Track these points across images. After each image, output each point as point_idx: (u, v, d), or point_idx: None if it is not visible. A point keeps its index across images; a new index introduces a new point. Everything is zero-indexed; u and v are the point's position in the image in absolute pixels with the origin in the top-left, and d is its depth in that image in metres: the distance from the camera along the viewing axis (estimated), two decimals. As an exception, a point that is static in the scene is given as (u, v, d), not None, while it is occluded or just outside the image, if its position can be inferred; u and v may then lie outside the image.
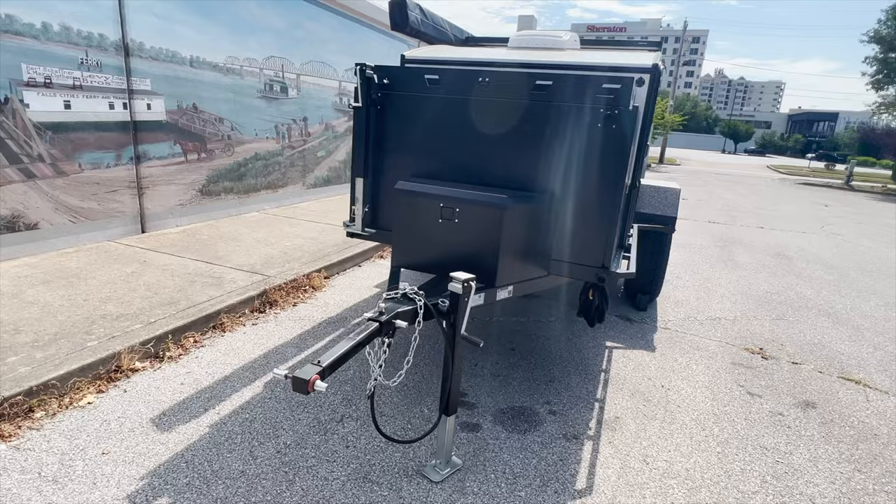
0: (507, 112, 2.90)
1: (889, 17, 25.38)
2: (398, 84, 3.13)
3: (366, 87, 3.09)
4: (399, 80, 3.13)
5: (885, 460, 2.85)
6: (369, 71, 3.10)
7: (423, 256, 2.88)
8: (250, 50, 6.59)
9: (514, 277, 2.81)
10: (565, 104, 2.77)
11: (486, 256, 2.69)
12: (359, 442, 2.63)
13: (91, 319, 3.36)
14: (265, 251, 5.21)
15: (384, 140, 3.23)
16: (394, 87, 3.14)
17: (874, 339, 4.67)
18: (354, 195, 3.33)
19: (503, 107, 2.91)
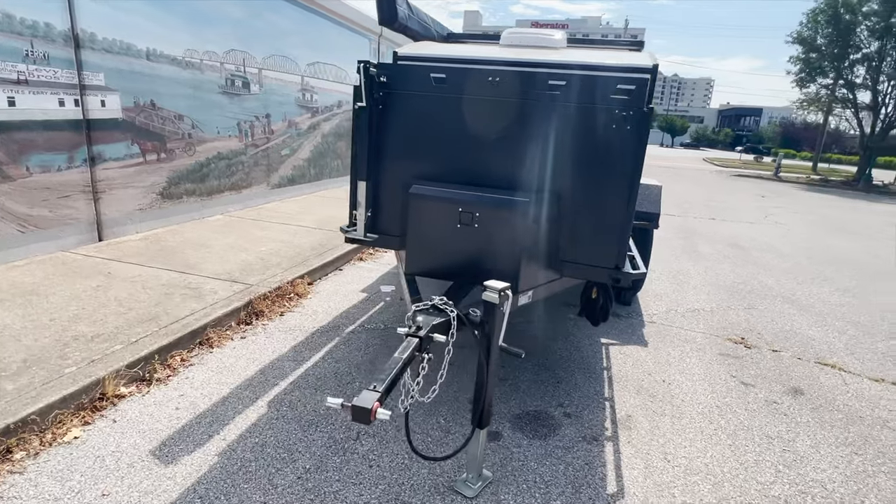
0: (518, 112, 2.84)
1: (809, 20, 27.32)
2: (402, 83, 2.99)
3: (369, 85, 2.93)
4: (403, 79, 2.99)
5: (875, 441, 3.03)
6: (372, 69, 2.94)
7: (440, 263, 2.78)
8: (210, 42, 6.19)
9: (533, 282, 2.77)
10: (579, 105, 2.74)
11: (507, 261, 2.63)
12: (381, 460, 2.51)
13: (63, 342, 3.03)
14: (240, 258, 4.91)
15: (386, 141, 3.09)
16: (397, 86, 2.99)
17: (836, 324, 4.99)
18: (356, 199, 3.17)
19: (514, 107, 2.84)
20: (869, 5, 25.31)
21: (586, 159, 2.78)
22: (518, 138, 2.87)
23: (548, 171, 2.84)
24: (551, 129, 2.81)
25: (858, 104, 28.08)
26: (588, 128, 2.75)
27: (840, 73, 27.18)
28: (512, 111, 2.85)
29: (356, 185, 3.17)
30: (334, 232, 6.23)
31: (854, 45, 26.20)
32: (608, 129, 2.72)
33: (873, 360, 4.21)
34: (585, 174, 2.79)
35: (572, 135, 2.78)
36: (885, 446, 2.98)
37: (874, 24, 25.21)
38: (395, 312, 4.37)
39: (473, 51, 3.68)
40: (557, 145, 2.81)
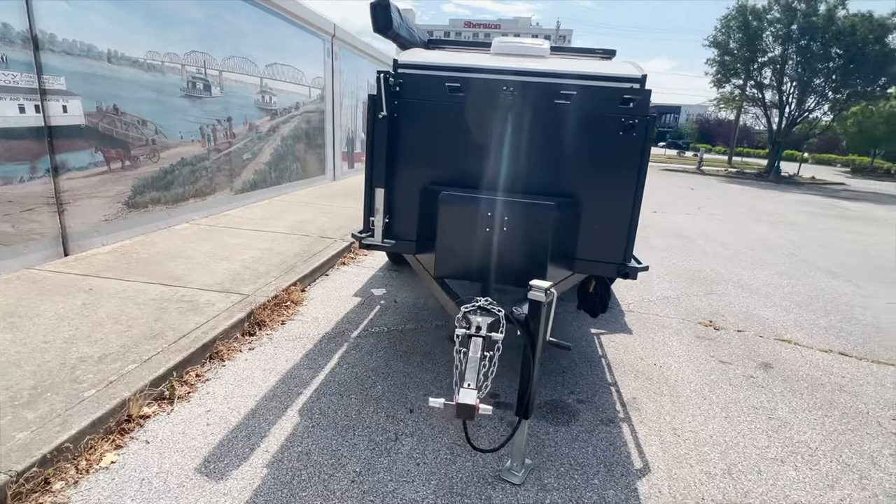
0: (532, 120, 3.02)
1: (723, 25, 29.64)
2: (417, 91, 3.08)
3: (389, 94, 3.00)
4: (418, 88, 3.08)
5: (838, 404, 3.49)
6: (391, 78, 3.01)
7: (469, 265, 2.90)
8: (171, 44, 5.91)
9: (554, 280, 2.96)
10: (588, 113, 2.96)
11: (535, 262, 2.80)
12: (426, 458, 2.61)
13: (69, 365, 2.88)
14: (226, 267, 4.78)
15: (401, 149, 3.16)
16: (413, 95, 3.08)
17: (782, 304, 5.59)
18: (374, 206, 3.22)
19: (527, 115, 3.01)
20: (772, 13, 27.85)
21: (596, 163, 3.01)
22: (532, 145, 3.05)
23: (563, 175, 3.04)
24: (563, 135, 3.01)
25: (766, 103, 30.86)
26: (597, 134, 2.97)
27: (750, 75, 29.72)
28: (525, 119, 3.02)
29: (373, 192, 3.23)
30: (312, 237, 6.16)
31: (761, 49, 28.72)
32: (615, 136, 2.96)
33: (818, 334, 4.78)
34: (596, 177, 3.02)
35: (583, 141, 2.99)
36: (846, 408, 3.44)
37: (777, 31, 27.77)
38: (394, 315, 4.43)
39: (472, 59, 3.82)
40: (570, 151, 3.02)
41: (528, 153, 3.06)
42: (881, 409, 3.48)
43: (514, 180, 3.08)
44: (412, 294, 4.99)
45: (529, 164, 3.06)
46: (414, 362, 3.61)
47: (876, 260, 8.41)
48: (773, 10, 27.72)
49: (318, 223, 6.95)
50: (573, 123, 2.98)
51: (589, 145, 3.00)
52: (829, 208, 16.19)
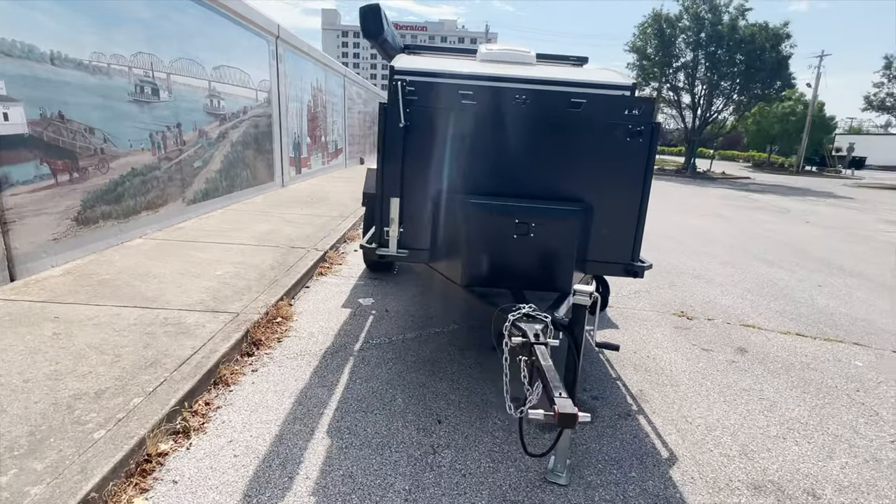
0: (543, 128, 3.09)
1: (640, 31, 31.63)
2: (429, 100, 3.05)
3: (405, 103, 2.95)
4: (431, 96, 3.05)
5: (811, 381, 3.86)
6: (408, 87, 2.96)
7: (496, 272, 2.92)
8: (117, 44, 5.44)
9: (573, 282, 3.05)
10: (597, 120, 3.08)
11: (561, 266, 2.87)
12: (469, 468, 2.60)
13: (63, 404, 2.58)
14: (202, 285, 4.47)
15: (414, 157, 3.13)
16: (425, 103, 3.05)
17: (735, 291, 6.08)
18: (389, 216, 3.16)
19: (538, 123, 3.08)
20: (683, 22, 30.09)
21: (606, 168, 3.14)
22: (544, 151, 3.12)
23: (575, 180, 3.14)
24: (574, 142, 3.11)
25: (682, 104, 33.29)
26: (606, 140, 3.10)
27: (666, 78, 31.94)
28: (537, 127, 3.09)
29: (387, 202, 3.16)
30: (283, 248, 5.91)
31: (675, 54, 30.94)
32: (622, 142, 3.10)
33: (774, 318, 5.25)
34: (606, 181, 3.15)
35: (593, 147, 3.11)
36: (819, 384, 3.82)
37: (688, 38, 30.04)
38: (390, 325, 4.36)
39: (469, 66, 3.84)
40: (581, 157, 3.12)
41: (540, 159, 3.13)
42: (845, 382, 3.88)
43: (529, 186, 3.14)
44: (401, 303, 4.92)
45: (543, 170, 3.14)
46: (425, 371, 3.57)
47: (796, 247, 9.34)
48: (683, 19, 29.96)
49: (284, 233, 6.66)
50: (584, 130, 3.09)
51: (598, 151, 3.12)
52: (746, 201, 17.76)
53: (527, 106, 3.05)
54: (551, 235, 2.83)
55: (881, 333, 4.98)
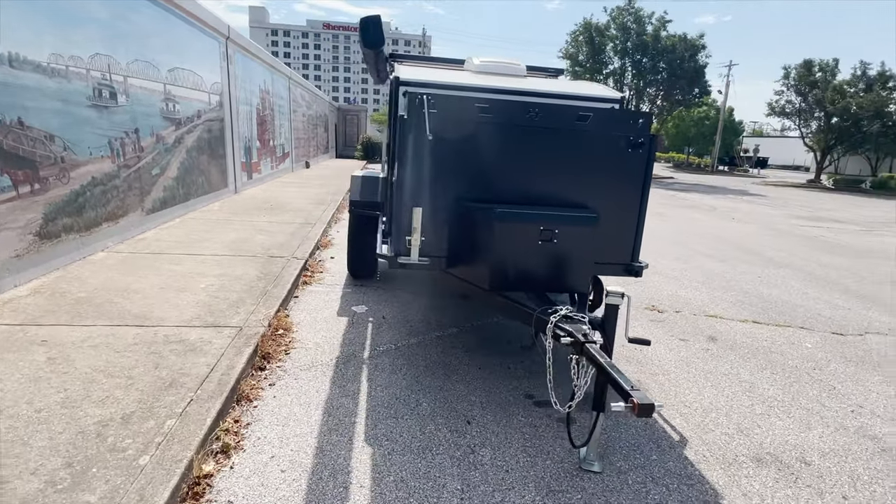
0: (553, 139, 3.29)
1: (572, 39, 33.17)
2: (449, 112, 3.16)
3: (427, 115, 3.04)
4: (450, 108, 3.16)
5: (776, 363, 4.33)
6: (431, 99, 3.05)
7: (521, 276, 3.07)
8: (75, 45, 5.07)
9: None
10: (602, 132, 3.32)
11: (579, 268, 3.08)
12: (509, 464, 2.74)
13: (91, 432, 2.45)
14: (190, 299, 4.29)
15: (435, 168, 3.22)
16: (443, 115, 3.15)
17: (692, 285, 6.64)
18: (411, 225, 3.22)
19: (550, 135, 3.28)
20: (611, 31, 31.87)
21: (610, 176, 3.39)
22: (555, 161, 3.32)
23: (584, 188, 3.36)
24: (582, 152, 3.33)
25: (611, 109, 35.15)
26: (610, 150, 3.35)
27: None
28: (548, 138, 3.28)
29: (408, 212, 3.23)
30: (261, 258, 5.75)
31: (604, 61, 32.70)
32: (625, 152, 3.36)
33: (730, 307, 5.80)
34: (611, 188, 3.40)
35: (599, 156, 3.35)
36: (783, 365, 4.30)
37: (616, 46, 31.85)
38: (391, 332, 4.40)
39: (469, 77, 3.97)
40: (588, 166, 3.35)
41: (551, 169, 3.33)
42: (803, 362, 4.40)
43: (541, 194, 3.33)
44: (394, 309, 4.97)
45: (554, 179, 3.34)
46: (440, 375, 3.67)
47: (731, 242, 10.26)
48: (611, 28, 31.75)
49: (256, 242, 6.47)
50: (591, 141, 3.32)
51: (604, 160, 3.37)
52: (677, 200, 19.13)
53: (539, 118, 3.23)
54: (572, 240, 3.03)
55: (818, 318, 5.64)
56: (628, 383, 2.13)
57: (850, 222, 14.94)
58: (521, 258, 3.02)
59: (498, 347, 4.24)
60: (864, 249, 10.33)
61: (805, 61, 35.76)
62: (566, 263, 3.07)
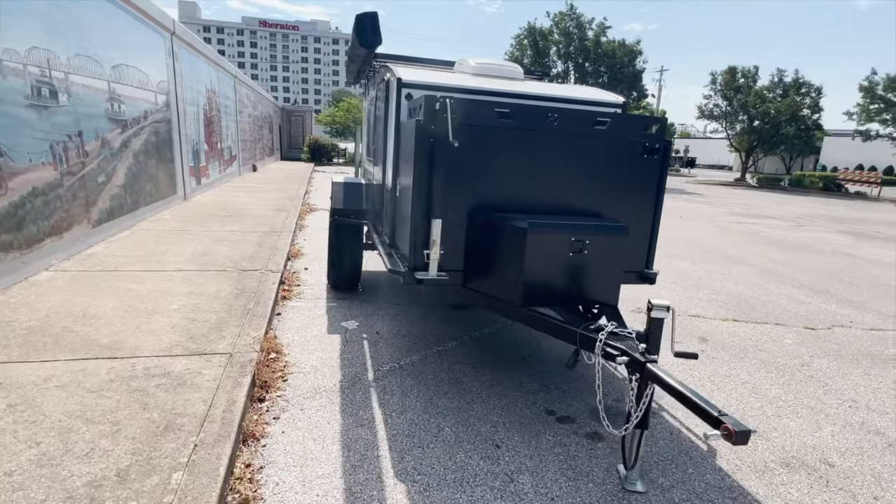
0: (570, 145, 3.18)
1: (517, 42, 33.70)
2: (468, 116, 2.96)
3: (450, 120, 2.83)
4: (469, 113, 2.96)
5: (767, 362, 4.44)
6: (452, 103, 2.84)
7: (553, 289, 2.92)
8: (9, 38, 4.43)
9: None
10: (618, 138, 3.24)
11: (610, 279, 2.97)
12: (553, 490, 2.59)
13: (82, 496, 2.05)
14: (162, 323, 3.84)
15: (455, 176, 3.01)
16: (465, 121, 2.95)
17: (667, 284, 6.78)
18: (430, 238, 2.99)
19: (569, 141, 3.16)
20: (554, 35, 32.68)
21: (626, 183, 3.32)
22: (574, 168, 3.21)
23: (601, 195, 3.27)
24: (599, 158, 3.24)
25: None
26: (626, 157, 3.28)
27: (542, 87, 34.43)
28: (566, 144, 3.16)
29: (426, 224, 3.01)
30: (232, 272, 5.30)
31: (548, 65, 33.46)
32: (640, 159, 3.30)
33: (708, 307, 5.96)
34: (628, 195, 3.33)
35: (615, 163, 3.27)
36: (774, 364, 4.42)
37: (560, 50, 32.69)
38: (389, 349, 4.14)
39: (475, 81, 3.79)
40: (606, 173, 3.26)
41: (571, 175, 3.21)
42: (790, 359, 4.54)
43: (563, 203, 3.21)
44: (387, 324, 4.70)
45: (572, 186, 3.22)
46: (453, 395, 3.46)
47: (686, 240, 10.68)
48: (554, 33, 32.55)
49: (221, 254, 5.97)
50: (607, 147, 3.23)
51: (621, 166, 3.29)
52: (624, 199, 19.80)
53: (559, 124, 3.11)
54: (602, 251, 2.92)
55: (787, 313, 5.90)
56: (714, 408, 2.02)
57: (781, 218, 16.02)
58: (553, 271, 2.88)
59: (503, 360, 4.08)
60: (801, 244, 11.06)
61: (730, 68, 38.22)
62: (598, 274, 2.96)
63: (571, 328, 2.72)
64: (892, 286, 7.56)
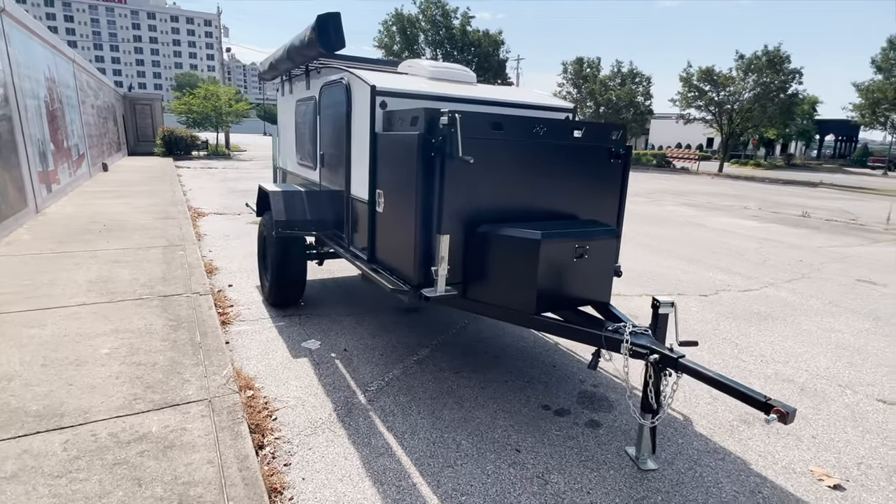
0: (552, 154, 3.31)
1: (386, 29, 33.35)
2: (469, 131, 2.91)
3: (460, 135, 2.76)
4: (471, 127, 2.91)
5: (690, 329, 5.13)
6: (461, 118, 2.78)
7: (560, 294, 3.03)
8: None
9: None
10: (591, 145, 3.45)
11: (605, 280, 3.18)
12: (584, 485, 2.76)
13: None
14: (104, 373, 3.23)
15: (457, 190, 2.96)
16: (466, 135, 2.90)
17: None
18: (438, 254, 2.91)
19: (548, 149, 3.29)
20: (421, 23, 32.96)
21: (595, 187, 3.56)
22: (558, 176, 3.36)
23: (579, 200, 3.47)
24: (575, 165, 3.42)
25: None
26: (596, 162, 3.51)
27: (412, 74, 34.62)
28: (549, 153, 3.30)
29: (431, 240, 2.94)
30: (153, 299, 4.60)
31: (417, 52, 33.71)
32: (608, 164, 3.56)
33: (621, 284, 6.64)
34: (598, 197, 3.58)
35: (588, 168, 3.49)
36: (695, 330, 5.10)
37: (428, 37, 33.09)
38: (367, 365, 3.97)
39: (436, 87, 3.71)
40: (581, 178, 3.47)
41: (553, 182, 3.36)
42: (703, 325, 5.28)
43: (547, 209, 3.35)
44: (348, 336, 4.48)
45: (555, 193, 3.38)
46: (451, 405, 3.46)
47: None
48: (421, 21, 32.83)
49: (125, 278, 5.14)
50: (582, 154, 3.44)
51: (593, 171, 3.52)
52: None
53: (544, 133, 3.22)
54: (599, 254, 3.11)
55: (680, 283, 6.81)
56: (758, 393, 2.29)
57: (633, 193, 18.25)
58: (561, 277, 3.00)
59: (479, 361, 4.16)
60: (661, 218, 12.77)
61: (577, 58, 42.08)
62: (596, 275, 3.15)
63: (595, 332, 2.89)
64: (741, 250, 9.13)
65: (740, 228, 11.66)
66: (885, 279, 7.63)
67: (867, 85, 24.51)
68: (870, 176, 37.58)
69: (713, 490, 2.76)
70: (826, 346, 4.88)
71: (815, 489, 2.81)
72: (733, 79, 34.25)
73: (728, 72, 34.35)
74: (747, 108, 34.06)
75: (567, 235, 3.00)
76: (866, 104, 24.83)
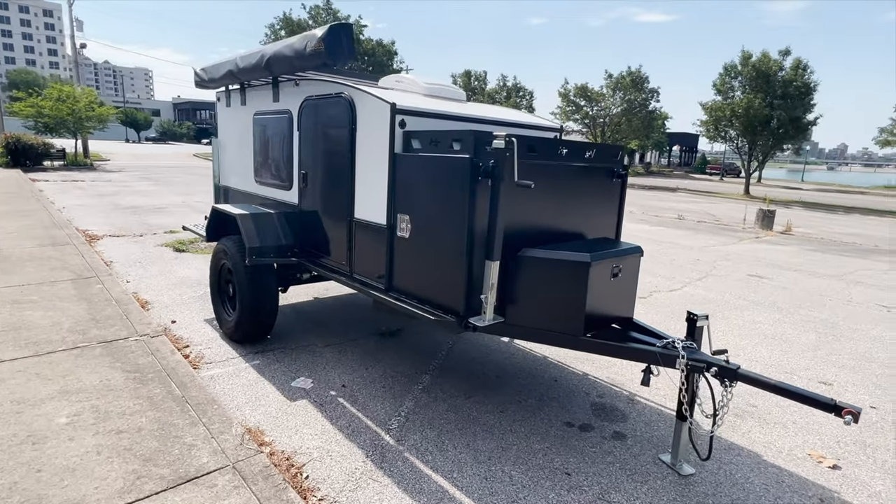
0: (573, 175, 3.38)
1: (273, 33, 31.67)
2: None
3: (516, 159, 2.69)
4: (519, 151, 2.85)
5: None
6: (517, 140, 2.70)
7: (597, 317, 3.06)
8: None
9: None
10: (598, 165, 3.58)
11: (632, 296, 3.29)
12: (641, 497, 2.82)
13: None
14: (76, 450, 2.59)
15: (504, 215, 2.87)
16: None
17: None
18: (488, 281, 2.79)
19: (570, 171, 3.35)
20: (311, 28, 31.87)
21: (602, 204, 3.70)
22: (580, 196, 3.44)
23: (593, 218, 3.58)
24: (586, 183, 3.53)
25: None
26: (603, 181, 3.65)
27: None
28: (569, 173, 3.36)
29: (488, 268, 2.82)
30: (93, 348, 3.82)
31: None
32: (610, 183, 3.72)
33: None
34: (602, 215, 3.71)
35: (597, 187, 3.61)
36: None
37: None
38: (373, 400, 3.69)
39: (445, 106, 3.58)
40: (593, 197, 3.58)
41: (570, 202, 3.43)
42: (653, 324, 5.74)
43: (571, 230, 3.41)
44: (342, 371, 4.13)
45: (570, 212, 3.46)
46: (480, 434, 3.35)
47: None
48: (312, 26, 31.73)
49: (42, 323, 4.22)
50: (592, 174, 3.56)
51: (599, 191, 3.65)
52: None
53: (566, 154, 3.27)
54: (629, 271, 3.20)
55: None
56: (824, 397, 2.49)
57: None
58: (602, 297, 3.04)
59: (487, 384, 4.07)
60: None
61: (465, 71, 43.77)
62: (625, 293, 3.25)
63: (650, 350, 2.96)
64: (649, 253, 10.08)
65: (639, 232, 12.88)
66: (768, 273, 8.93)
67: (710, 104, 28.60)
68: (709, 181, 44.30)
69: (747, 486, 2.98)
70: (758, 337, 5.55)
71: (819, 471, 3.17)
72: (604, 95, 37.99)
73: (600, 89, 38.04)
74: (616, 122, 37.98)
75: (608, 255, 3.07)
76: (710, 121, 28.96)
